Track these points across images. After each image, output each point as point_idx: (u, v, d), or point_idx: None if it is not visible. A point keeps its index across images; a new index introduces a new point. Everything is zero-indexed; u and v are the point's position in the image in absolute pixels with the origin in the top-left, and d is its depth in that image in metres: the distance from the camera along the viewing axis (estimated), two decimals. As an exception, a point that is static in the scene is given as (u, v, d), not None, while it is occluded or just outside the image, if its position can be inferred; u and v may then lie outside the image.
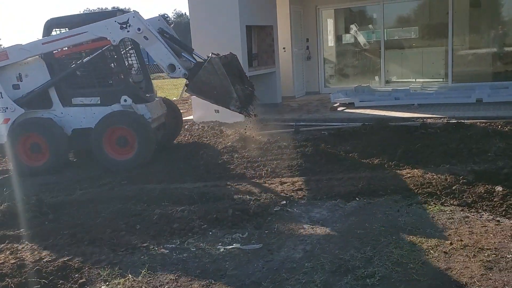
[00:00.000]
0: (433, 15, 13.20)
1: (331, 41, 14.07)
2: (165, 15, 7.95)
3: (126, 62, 7.76)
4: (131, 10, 7.10)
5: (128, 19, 6.70)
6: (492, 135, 7.07)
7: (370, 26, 13.65)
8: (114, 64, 7.58)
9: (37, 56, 7.22)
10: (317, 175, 5.94)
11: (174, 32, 7.81)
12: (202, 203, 5.12)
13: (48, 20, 7.73)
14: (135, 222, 4.63)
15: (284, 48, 12.68)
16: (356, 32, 13.85)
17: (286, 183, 5.75)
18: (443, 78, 12.68)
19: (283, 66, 12.53)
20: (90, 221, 4.77)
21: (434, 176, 5.49)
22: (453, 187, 5.07)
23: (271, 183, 5.78)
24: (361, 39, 13.80)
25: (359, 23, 13.89)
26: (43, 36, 7.46)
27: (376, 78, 13.47)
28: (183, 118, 10.71)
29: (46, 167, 7.01)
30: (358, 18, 14.05)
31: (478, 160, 5.98)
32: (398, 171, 5.85)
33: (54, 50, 7.15)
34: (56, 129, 7.09)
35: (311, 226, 4.42)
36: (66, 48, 7.23)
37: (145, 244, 4.17)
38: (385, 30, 12.99)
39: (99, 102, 7.21)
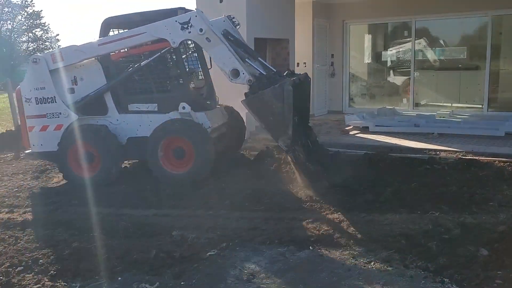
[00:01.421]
0: (470, 34, 12.01)
1: (358, 58, 13.16)
2: (231, 16, 7.35)
3: (187, 66, 7.25)
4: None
5: (190, 19, 6.09)
6: (507, 179, 6.03)
7: (401, 43, 12.65)
8: (173, 68, 7.00)
9: (93, 59, 6.74)
10: (283, 212, 5.18)
11: (240, 34, 7.26)
12: (136, 237, 4.53)
13: (105, 19, 7.18)
14: (43, 255, 4.09)
15: (305, 63, 11.94)
16: (387, 50, 12.92)
17: (244, 218, 5.03)
18: (478, 105, 11.47)
19: (302, 82, 11.80)
20: None
21: (415, 226, 4.62)
22: (429, 244, 4.19)
23: (228, 217, 5.08)
24: (390, 57, 12.84)
25: (389, 40, 12.94)
26: (100, 37, 6.90)
27: (404, 100, 12.43)
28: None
29: (98, 179, 6.41)
30: (387, 35, 13.10)
31: (476, 210, 5.03)
32: (377, 215, 4.99)
33: (111, 52, 6.63)
34: (110, 138, 6.51)
35: (235, 282, 3.69)
36: (124, 50, 6.73)
37: (36, 286, 3.60)
38: (415, 48, 11.95)
39: (156, 109, 6.62)
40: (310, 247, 4.30)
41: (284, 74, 6.46)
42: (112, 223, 4.84)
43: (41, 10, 59.96)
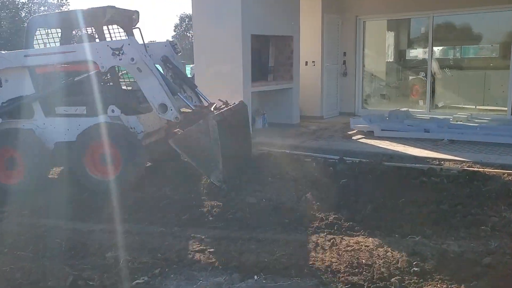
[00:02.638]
0: (494, 31, 11.00)
1: (372, 56, 12.35)
2: (174, 43, 7.16)
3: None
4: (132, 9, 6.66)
5: (122, 46, 5.78)
6: (510, 196, 5.23)
7: (419, 40, 11.77)
8: (105, 76, 6.76)
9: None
10: (242, 230, 4.59)
11: (179, 63, 7.15)
12: (66, 257, 4.04)
13: (31, 19, 7.08)
14: None
15: (313, 62, 11.26)
16: (403, 48, 12.06)
17: (196, 237, 4.47)
18: (502, 108, 10.50)
19: (310, 82, 11.15)
20: None
21: (387, 254, 3.96)
22: (393, 279, 3.52)
23: (179, 236, 4.53)
24: (407, 55, 11.98)
25: (406, 37, 12.07)
26: (25, 36, 6.70)
27: (421, 102, 11.55)
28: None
29: (22, 186, 6.09)
30: (405, 32, 12.23)
31: (464, 235, 4.30)
32: (345, 238, 4.34)
33: (37, 65, 6.32)
34: (35, 143, 6.17)
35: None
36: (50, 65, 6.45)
37: None
38: (433, 46, 11.05)
39: (85, 112, 6.26)
40: (256, 276, 3.70)
41: (215, 107, 6.34)
42: (46, 239, 4.37)
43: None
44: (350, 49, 11.95)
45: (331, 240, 4.28)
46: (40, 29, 6.89)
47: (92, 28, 7.03)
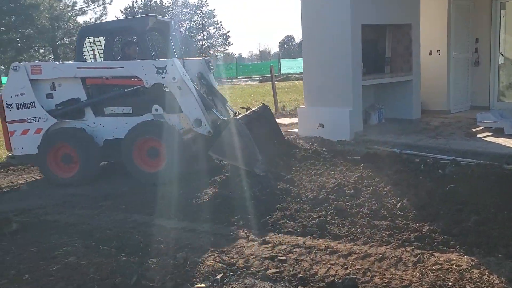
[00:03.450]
0: None
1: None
2: (208, 60, 7.91)
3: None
4: (168, 18, 7.01)
5: (166, 66, 6.47)
6: None
7: None
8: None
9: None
10: (321, 238, 4.26)
11: (213, 78, 7.91)
12: (140, 254, 4.14)
13: (81, 28, 7.97)
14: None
15: (438, 51, 10.23)
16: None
17: (270, 241, 4.26)
18: None
19: (435, 73, 10.17)
20: None
21: (482, 277, 3.36)
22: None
23: (253, 239, 4.37)
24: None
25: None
26: (76, 44, 7.51)
27: None
28: (289, 131, 9.71)
29: (77, 179, 6.83)
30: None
31: None
32: (434, 254, 3.77)
33: (88, 77, 6.97)
34: (88, 140, 6.86)
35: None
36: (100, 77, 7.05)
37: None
38: None
39: (131, 112, 6.94)
40: (319, 292, 3.38)
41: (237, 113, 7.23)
42: (130, 234, 4.53)
43: (214, 9, 64.51)
44: (484, 35, 10.58)
45: (418, 256, 3.75)
46: (89, 37, 7.70)
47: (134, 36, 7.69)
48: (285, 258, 3.91)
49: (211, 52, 55.66)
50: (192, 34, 52.77)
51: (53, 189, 6.65)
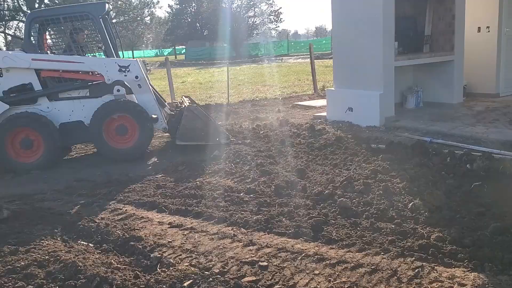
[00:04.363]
0: None
1: None
2: (145, 61, 8.02)
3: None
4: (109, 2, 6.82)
5: (129, 65, 6.93)
6: None
7: None
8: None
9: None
10: (312, 243, 3.81)
11: (149, 78, 7.87)
12: (131, 253, 3.88)
13: (30, 14, 7.49)
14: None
15: (488, 27, 9.26)
16: None
17: (257, 243, 3.87)
18: None
19: (482, 52, 9.23)
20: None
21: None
22: None
23: (241, 239, 3.99)
24: None
25: None
26: (25, 31, 7.18)
27: None
28: (317, 114, 9.20)
29: (41, 163, 6.74)
30: None
31: None
32: (437, 268, 3.23)
33: (43, 69, 6.84)
34: (50, 123, 6.75)
35: None
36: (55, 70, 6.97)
37: None
38: None
39: (88, 94, 7.00)
40: (292, 308, 2.96)
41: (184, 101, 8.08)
42: (114, 229, 4.27)
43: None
44: (543, 8, 9.46)
45: (416, 270, 3.24)
46: (38, 25, 7.22)
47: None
48: (266, 264, 3.50)
49: (262, 29, 54.90)
50: (243, 11, 52.11)
51: (63, 174, 6.55)
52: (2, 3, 30.10)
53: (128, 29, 43.75)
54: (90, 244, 4.00)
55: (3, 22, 32.42)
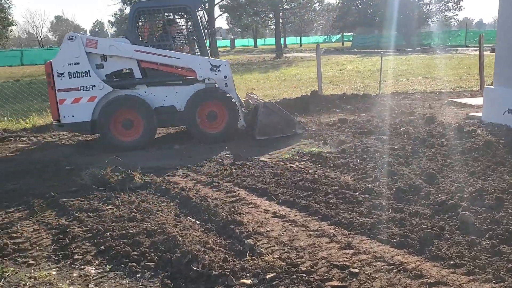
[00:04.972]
0: None
1: None
2: None
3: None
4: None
5: (220, 65, 7.50)
6: None
7: None
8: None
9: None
10: (420, 255, 3.46)
11: None
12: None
13: (133, 5, 7.69)
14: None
15: None
16: None
17: (352, 248, 3.66)
18: None
19: None
20: None
21: None
22: None
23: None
24: None
25: None
26: (129, 21, 7.54)
27: None
28: (471, 114, 8.28)
29: (140, 143, 7.31)
30: None
31: None
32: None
33: (144, 60, 7.33)
34: (149, 106, 7.31)
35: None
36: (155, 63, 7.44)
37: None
38: None
39: (181, 82, 7.55)
40: None
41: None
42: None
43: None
44: None
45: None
46: (142, 16, 7.71)
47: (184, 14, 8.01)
48: (357, 271, 3.30)
49: (438, 17, 51.01)
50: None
51: (198, 152, 7.01)
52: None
53: (297, 15, 44.59)
54: (197, 221, 4.23)
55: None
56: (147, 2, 7.55)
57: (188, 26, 8.06)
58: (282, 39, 53.26)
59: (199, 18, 7.62)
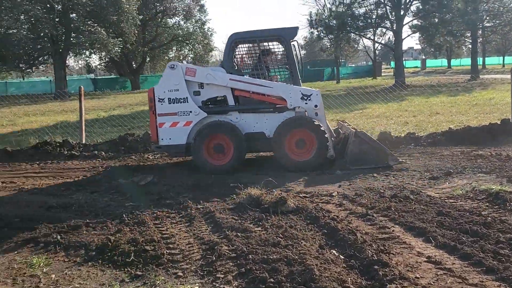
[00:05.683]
0: None
1: None
2: None
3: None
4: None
5: (311, 95, 7.60)
6: None
7: None
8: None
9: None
10: None
11: None
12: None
13: (231, 35, 7.97)
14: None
15: None
16: None
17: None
18: None
19: None
20: None
21: None
22: None
23: None
24: None
25: None
26: (225, 50, 7.95)
27: None
28: None
29: (229, 166, 7.54)
30: None
31: None
32: None
33: (237, 89, 7.66)
34: (240, 132, 7.57)
35: None
36: (248, 92, 7.72)
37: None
38: None
39: (271, 110, 7.76)
40: None
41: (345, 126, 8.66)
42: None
43: None
44: None
45: None
46: (240, 45, 8.14)
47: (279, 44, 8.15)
48: None
49: None
50: None
51: (365, 176, 6.74)
52: (371, 11, 32.75)
53: (499, 33, 40.13)
54: (341, 256, 4.00)
55: (371, 29, 35.29)
56: (244, 32, 7.97)
57: (282, 55, 8.29)
58: (480, 59, 48.73)
59: (292, 48, 7.82)
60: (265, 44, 8.21)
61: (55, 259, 4.31)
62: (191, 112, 7.65)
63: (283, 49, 8.05)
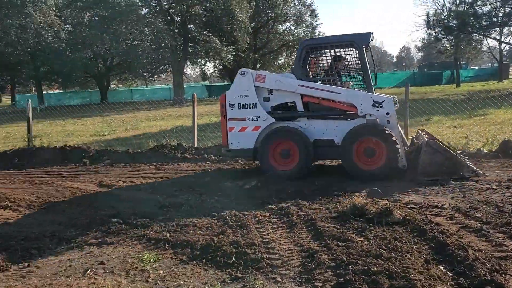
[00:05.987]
0: None
1: None
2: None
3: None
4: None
5: (383, 102, 7.29)
6: None
7: None
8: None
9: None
10: None
11: None
12: None
13: (303, 42, 8.06)
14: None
15: None
16: None
17: None
18: None
19: None
20: None
21: None
22: None
23: None
24: None
25: None
26: (297, 56, 7.94)
27: None
28: None
29: (294, 173, 7.48)
30: None
31: None
32: None
33: (306, 95, 7.59)
34: (307, 138, 7.49)
35: None
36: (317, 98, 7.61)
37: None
38: None
39: (342, 116, 7.60)
40: None
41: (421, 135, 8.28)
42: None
43: None
44: None
45: None
46: (313, 52, 8.09)
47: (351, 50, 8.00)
48: None
49: None
50: None
51: (484, 189, 6.20)
52: (497, 9, 30.21)
53: None
54: (448, 273, 3.73)
55: (497, 29, 32.54)
56: (315, 39, 8.70)
57: (355, 61, 8.02)
58: None
59: (365, 54, 7.62)
60: (338, 50, 8.10)
61: (164, 256, 4.57)
62: (259, 117, 7.80)
63: (356, 55, 7.90)
